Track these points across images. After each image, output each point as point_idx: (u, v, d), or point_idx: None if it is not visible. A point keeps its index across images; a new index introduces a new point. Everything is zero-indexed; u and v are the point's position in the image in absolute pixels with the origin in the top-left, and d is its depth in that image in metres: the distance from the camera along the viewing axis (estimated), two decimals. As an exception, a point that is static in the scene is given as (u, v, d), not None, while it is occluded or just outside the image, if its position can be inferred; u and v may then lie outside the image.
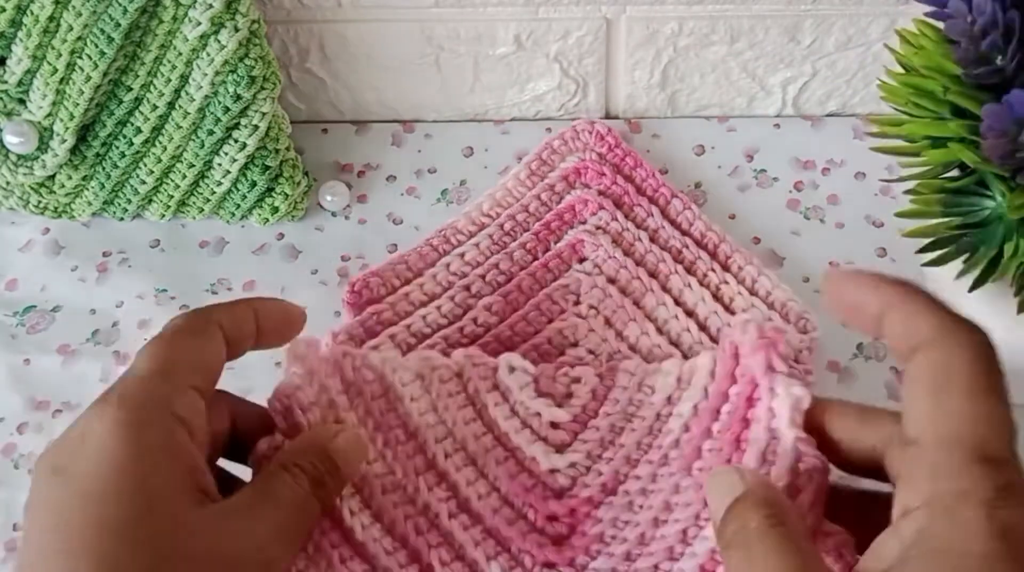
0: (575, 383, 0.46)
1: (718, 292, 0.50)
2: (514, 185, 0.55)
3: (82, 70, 0.51)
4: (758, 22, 0.55)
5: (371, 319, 0.49)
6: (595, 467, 0.43)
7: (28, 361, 0.51)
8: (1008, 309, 0.38)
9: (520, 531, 0.41)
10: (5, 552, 0.45)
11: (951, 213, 0.39)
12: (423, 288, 0.51)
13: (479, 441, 0.44)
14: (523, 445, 0.44)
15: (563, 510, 0.42)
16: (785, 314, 0.49)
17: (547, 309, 0.50)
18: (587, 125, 0.56)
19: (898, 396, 0.48)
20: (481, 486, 0.43)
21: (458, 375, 0.45)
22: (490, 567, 0.40)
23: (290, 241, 0.56)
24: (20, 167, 0.54)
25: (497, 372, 0.45)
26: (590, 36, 0.56)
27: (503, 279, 0.51)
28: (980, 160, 0.37)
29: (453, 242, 0.53)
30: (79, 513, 0.29)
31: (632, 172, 0.55)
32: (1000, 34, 0.36)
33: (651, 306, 0.50)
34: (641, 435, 0.43)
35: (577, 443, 0.44)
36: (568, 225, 0.53)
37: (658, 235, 0.52)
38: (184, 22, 0.50)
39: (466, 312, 0.49)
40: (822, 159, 0.57)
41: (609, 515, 0.42)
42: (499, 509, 0.42)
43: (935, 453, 0.27)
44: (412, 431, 0.44)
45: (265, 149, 0.54)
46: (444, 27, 0.56)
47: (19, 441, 0.48)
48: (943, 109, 0.39)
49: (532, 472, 0.43)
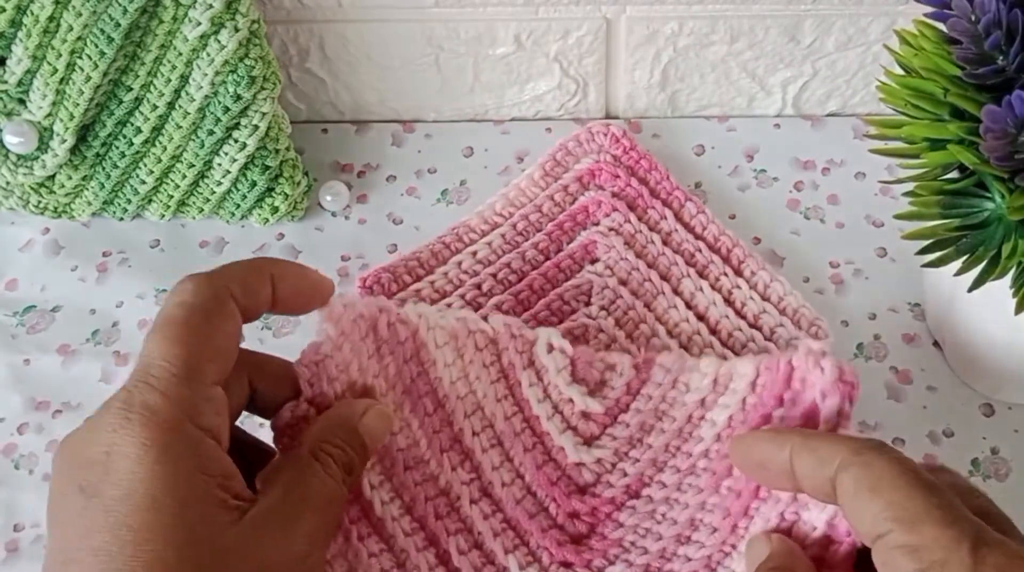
0: (610, 371, 0.45)
1: (730, 296, 0.50)
2: (527, 185, 0.55)
3: (82, 70, 0.51)
4: (758, 22, 0.55)
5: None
6: (620, 465, 0.43)
7: (28, 361, 0.51)
8: (1007, 309, 0.38)
9: (540, 526, 0.41)
10: (5, 552, 0.45)
11: (950, 215, 0.39)
12: (434, 285, 0.51)
13: (509, 422, 0.43)
14: (553, 432, 0.43)
15: (585, 508, 0.42)
16: (797, 320, 0.49)
17: (558, 309, 0.50)
18: (602, 127, 0.56)
19: (898, 396, 0.48)
20: (505, 472, 0.42)
21: (494, 343, 0.44)
22: (508, 561, 0.40)
23: (290, 241, 0.56)
24: (20, 167, 0.54)
25: (534, 347, 0.44)
26: (590, 36, 0.56)
27: (515, 278, 0.51)
28: (979, 162, 0.37)
29: (465, 240, 0.53)
30: (118, 544, 0.29)
31: (647, 175, 0.54)
32: (1003, 33, 0.36)
33: (662, 309, 0.49)
34: (670, 437, 0.43)
35: (606, 438, 0.43)
36: (581, 226, 0.53)
37: (671, 238, 0.52)
38: (184, 22, 0.50)
39: (477, 310, 0.49)
40: (822, 159, 0.57)
41: (631, 521, 0.41)
42: (521, 500, 0.42)
43: (906, 536, 0.30)
44: (441, 400, 0.43)
45: (265, 149, 0.54)
46: (444, 27, 0.56)
47: (19, 441, 0.48)
48: (942, 111, 0.39)
49: (558, 463, 0.43)
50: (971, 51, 0.37)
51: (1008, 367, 0.45)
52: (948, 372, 0.48)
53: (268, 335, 0.51)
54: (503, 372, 0.44)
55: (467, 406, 0.43)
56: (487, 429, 0.43)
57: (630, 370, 0.44)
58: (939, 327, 0.49)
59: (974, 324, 0.44)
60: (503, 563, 0.40)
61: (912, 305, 0.51)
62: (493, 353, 0.44)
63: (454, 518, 0.41)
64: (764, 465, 0.36)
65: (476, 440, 0.42)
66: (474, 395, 0.43)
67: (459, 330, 0.43)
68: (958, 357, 0.48)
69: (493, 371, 0.44)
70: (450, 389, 0.43)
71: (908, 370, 0.49)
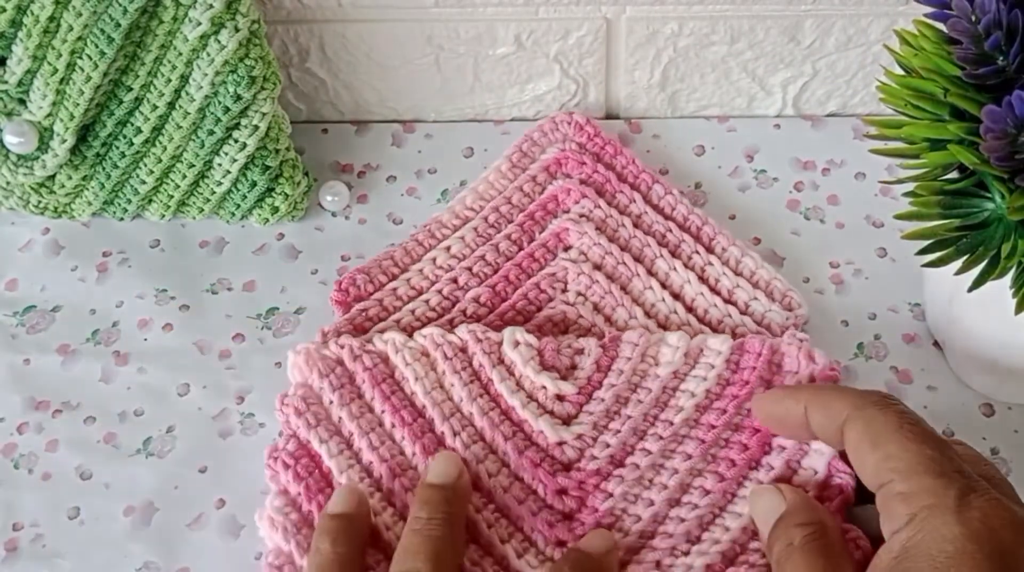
0: (579, 354, 0.46)
1: (703, 274, 0.51)
2: (496, 178, 0.55)
3: (82, 70, 0.51)
4: (758, 22, 0.55)
5: (359, 316, 0.49)
6: (602, 438, 0.44)
7: (28, 361, 0.51)
8: (1007, 309, 0.38)
9: (530, 509, 0.42)
10: (5, 552, 0.45)
11: (950, 215, 0.39)
12: (410, 282, 0.51)
13: (487, 416, 0.44)
14: (530, 419, 0.44)
15: (572, 484, 0.43)
16: (770, 293, 0.50)
17: (535, 298, 0.50)
18: (566, 116, 0.57)
19: (898, 395, 0.48)
20: (490, 463, 0.43)
21: (463, 350, 0.46)
22: (505, 550, 0.41)
23: (290, 241, 0.56)
24: (20, 167, 0.54)
25: (501, 346, 0.46)
26: (590, 36, 0.56)
27: (490, 270, 0.51)
28: (979, 162, 0.37)
29: (438, 236, 0.53)
30: None
31: (612, 160, 0.55)
32: (1003, 34, 0.36)
33: (638, 290, 0.50)
34: (648, 407, 0.44)
35: (583, 415, 0.45)
36: (552, 214, 0.54)
37: (641, 220, 0.53)
38: (184, 22, 0.50)
39: (455, 304, 0.50)
40: (822, 159, 0.57)
41: (620, 489, 0.42)
42: (509, 487, 0.43)
43: (901, 484, 0.33)
44: (420, 409, 0.45)
45: (265, 149, 0.54)
46: (444, 27, 0.56)
47: (19, 441, 0.48)
48: (942, 111, 0.39)
49: (540, 446, 0.44)
50: (971, 51, 0.37)
51: (1008, 367, 0.45)
52: (948, 372, 0.48)
53: (268, 335, 0.51)
54: (475, 374, 0.46)
55: (445, 410, 0.44)
56: (467, 428, 0.44)
57: (597, 349, 0.46)
58: (939, 327, 0.49)
59: (974, 324, 0.44)
60: (501, 553, 0.41)
61: (912, 305, 0.51)
62: (463, 360, 0.46)
63: None
64: (783, 420, 0.40)
65: (458, 439, 0.44)
66: (451, 400, 0.45)
67: (427, 346, 0.46)
68: (958, 357, 0.48)
69: (465, 375, 0.45)
70: (426, 398, 0.45)
71: (908, 370, 0.49)
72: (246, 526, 0.45)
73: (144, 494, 0.46)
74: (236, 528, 0.45)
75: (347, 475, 0.42)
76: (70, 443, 0.48)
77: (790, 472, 0.42)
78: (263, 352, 0.51)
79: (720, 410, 0.44)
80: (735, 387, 0.44)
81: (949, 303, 0.45)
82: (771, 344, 0.45)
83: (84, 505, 0.46)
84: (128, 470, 0.47)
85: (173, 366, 0.50)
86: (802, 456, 0.42)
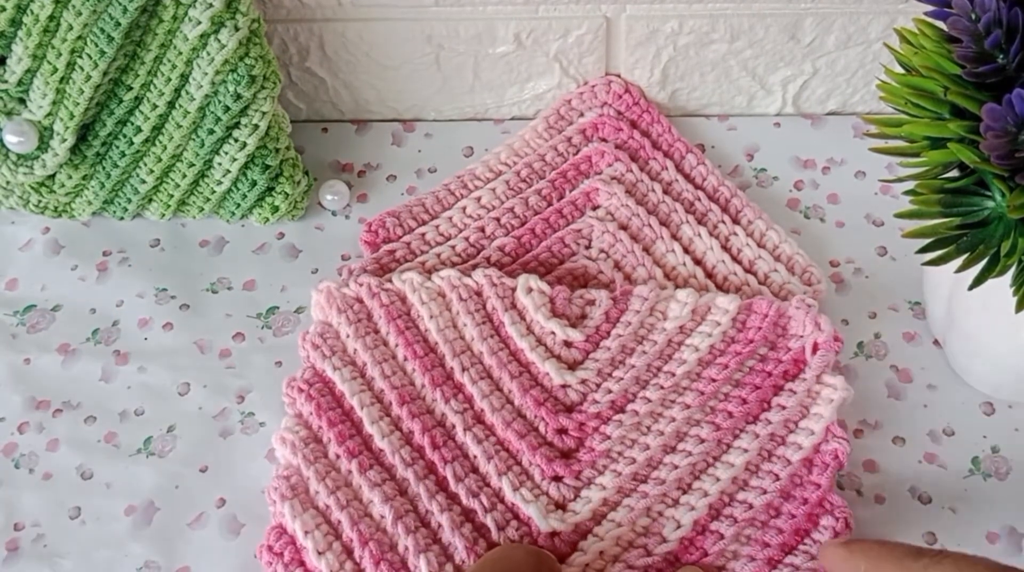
0: (590, 305, 0.48)
1: (727, 242, 0.52)
2: (531, 136, 0.57)
3: (82, 69, 0.51)
4: (758, 21, 0.55)
5: (387, 257, 0.51)
6: (605, 384, 0.46)
7: (28, 360, 0.51)
8: (1007, 307, 0.38)
9: (531, 444, 0.44)
10: (6, 551, 0.45)
11: (950, 213, 0.39)
12: (439, 229, 0.53)
13: (496, 356, 0.47)
14: (537, 361, 0.46)
15: (573, 424, 0.45)
16: (791, 267, 0.51)
17: (558, 251, 0.52)
18: (605, 82, 0.58)
19: (899, 394, 0.48)
20: (495, 398, 0.45)
21: (478, 293, 0.48)
22: (502, 482, 0.43)
23: (290, 240, 0.56)
24: (20, 167, 0.54)
25: (515, 292, 0.48)
26: (590, 35, 0.56)
27: (517, 223, 0.53)
28: (980, 160, 0.37)
29: (470, 187, 0.55)
30: None
31: (649, 128, 0.57)
32: (1003, 32, 0.36)
33: (660, 253, 0.51)
34: (652, 358, 0.46)
35: (589, 361, 0.47)
36: (584, 175, 0.55)
37: (671, 187, 0.54)
38: (184, 21, 0.50)
39: (479, 252, 0.51)
40: (822, 158, 0.57)
41: (618, 433, 0.44)
42: (511, 422, 0.45)
43: None
44: (432, 345, 0.47)
45: (265, 148, 0.54)
46: (444, 26, 0.56)
47: (19, 441, 0.48)
48: (943, 109, 0.39)
49: (545, 387, 0.46)
50: (971, 49, 0.37)
51: (1008, 366, 0.45)
52: (948, 370, 0.48)
53: (268, 334, 0.51)
54: (487, 316, 0.48)
55: (456, 347, 0.47)
56: (476, 365, 0.46)
57: (608, 301, 0.48)
58: (939, 326, 0.49)
59: (974, 323, 0.44)
60: (497, 484, 0.43)
61: (912, 304, 0.51)
62: (477, 302, 0.48)
63: (451, 446, 0.44)
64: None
65: (466, 374, 0.46)
66: (462, 338, 0.47)
67: (443, 287, 0.48)
68: (958, 356, 0.48)
69: (478, 316, 0.48)
70: (439, 335, 0.47)
71: (908, 369, 0.49)
72: (246, 525, 0.45)
73: (145, 493, 0.46)
74: (237, 527, 0.45)
75: (358, 398, 0.45)
76: (71, 443, 0.48)
77: (786, 431, 0.44)
78: (263, 351, 0.51)
79: (722, 365, 0.45)
80: (739, 345, 0.46)
81: (949, 301, 0.45)
82: (779, 306, 0.47)
83: (85, 505, 0.46)
84: (129, 469, 0.47)
85: (173, 365, 0.50)
86: (800, 417, 0.43)
